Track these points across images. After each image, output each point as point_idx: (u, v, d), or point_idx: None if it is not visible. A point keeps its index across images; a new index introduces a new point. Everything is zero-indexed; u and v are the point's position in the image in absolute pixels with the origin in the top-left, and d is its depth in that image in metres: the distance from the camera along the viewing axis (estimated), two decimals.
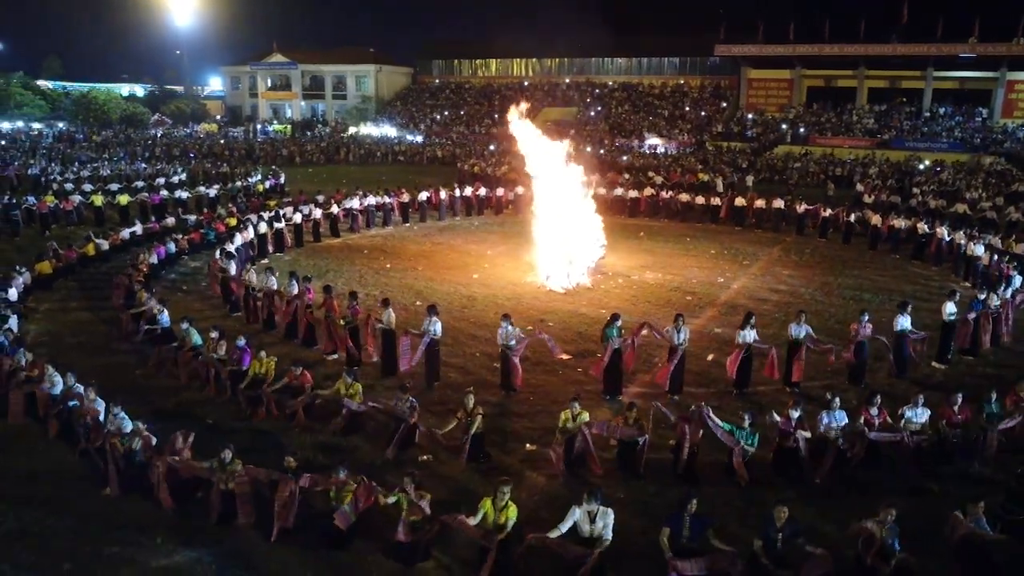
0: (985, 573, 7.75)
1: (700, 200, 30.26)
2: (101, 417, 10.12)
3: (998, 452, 10.37)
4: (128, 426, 9.65)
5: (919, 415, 10.29)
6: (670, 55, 69.64)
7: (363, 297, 17.27)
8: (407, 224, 28.62)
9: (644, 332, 13.05)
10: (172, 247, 21.28)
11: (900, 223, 24.13)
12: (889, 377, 13.51)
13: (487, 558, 7.59)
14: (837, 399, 10.20)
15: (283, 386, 11.49)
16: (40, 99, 70.84)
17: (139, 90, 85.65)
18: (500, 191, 32.12)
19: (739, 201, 29.40)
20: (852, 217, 25.92)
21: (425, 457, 10.34)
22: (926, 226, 23.29)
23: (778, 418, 9.94)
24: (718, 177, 38.26)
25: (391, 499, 8.11)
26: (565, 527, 7.67)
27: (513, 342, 12.49)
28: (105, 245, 21.69)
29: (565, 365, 13.79)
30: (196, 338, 13.29)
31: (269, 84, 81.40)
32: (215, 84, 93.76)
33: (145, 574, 7.85)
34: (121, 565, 7.98)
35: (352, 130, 69.77)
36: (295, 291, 14.80)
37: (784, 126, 56.99)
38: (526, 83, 74.77)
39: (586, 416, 9.88)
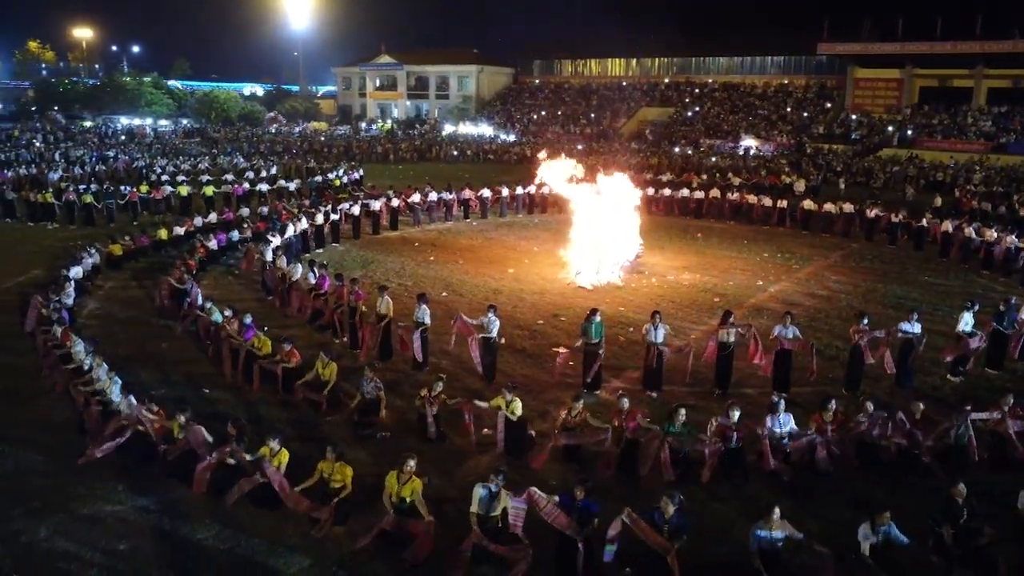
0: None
1: (767, 202, 29.43)
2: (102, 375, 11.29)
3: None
4: (117, 393, 10.72)
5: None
6: (774, 54, 67.50)
7: (394, 287, 18.20)
8: (467, 220, 29.34)
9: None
10: (235, 234, 22.85)
11: (970, 231, 22.73)
12: (893, 387, 13.01)
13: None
14: (782, 403, 10.04)
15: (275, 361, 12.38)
16: (168, 98, 76.63)
17: (259, 90, 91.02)
18: None
19: (807, 204, 28.43)
20: (924, 222, 24.61)
21: (384, 434, 10.92)
22: (995, 233, 21.85)
23: (714, 422, 9.89)
24: (800, 179, 36.96)
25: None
26: (473, 507, 8.07)
27: (495, 331, 12.88)
28: (180, 230, 23.53)
29: (553, 359, 14.04)
30: (217, 316, 14.43)
31: (377, 84, 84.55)
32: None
33: (96, 515, 8.79)
34: (80, 507, 8.97)
35: (450, 129, 71.54)
36: (312, 280, 15.76)
37: (890, 128, 54.16)
38: (624, 83, 74.36)
39: (519, 405, 10.17)
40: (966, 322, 13.35)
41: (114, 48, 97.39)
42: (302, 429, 11.03)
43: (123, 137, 56.82)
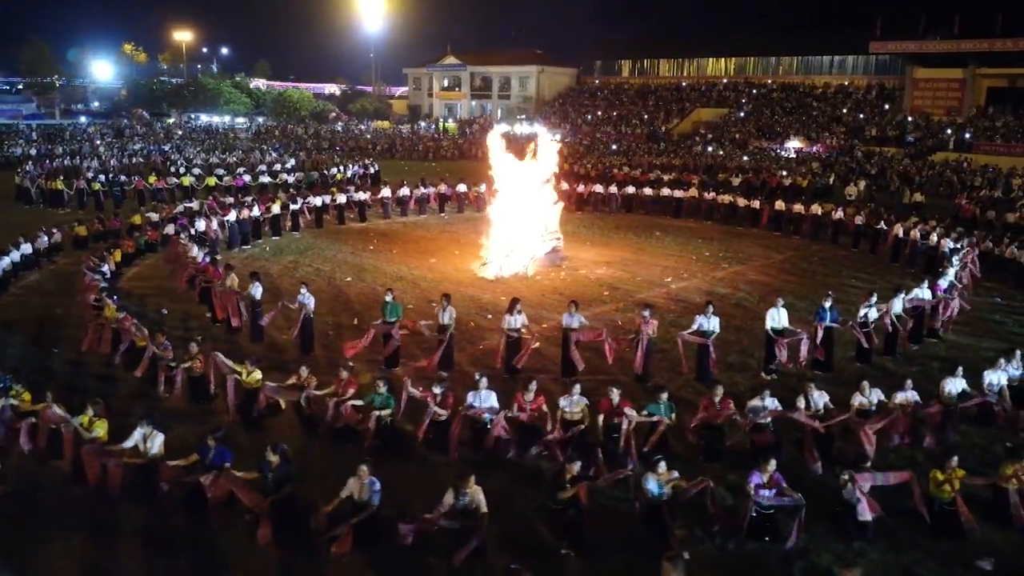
0: None
1: (741, 203, 29.07)
2: None
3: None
4: None
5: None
6: (835, 53, 65.12)
7: (309, 271, 19.54)
8: (442, 214, 30.31)
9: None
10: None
11: (916, 233, 21.90)
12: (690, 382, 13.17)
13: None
14: (483, 380, 10.59)
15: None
16: (246, 97, 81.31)
17: (336, 90, 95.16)
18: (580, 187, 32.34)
19: (779, 205, 27.88)
20: (882, 225, 23.82)
21: (165, 394, 12.10)
22: (935, 236, 20.99)
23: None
24: (852, 185, 35.36)
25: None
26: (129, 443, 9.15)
27: (310, 305, 13.95)
28: (155, 216, 25.57)
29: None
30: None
31: (444, 84, 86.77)
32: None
33: None
34: None
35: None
36: (200, 260, 17.26)
37: (948, 131, 51.36)
38: (683, 83, 73.43)
39: (258, 375, 11.10)
40: (772, 318, 13.31)
41: (204, 50, 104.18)
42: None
43: (179, 132, 61.03)
